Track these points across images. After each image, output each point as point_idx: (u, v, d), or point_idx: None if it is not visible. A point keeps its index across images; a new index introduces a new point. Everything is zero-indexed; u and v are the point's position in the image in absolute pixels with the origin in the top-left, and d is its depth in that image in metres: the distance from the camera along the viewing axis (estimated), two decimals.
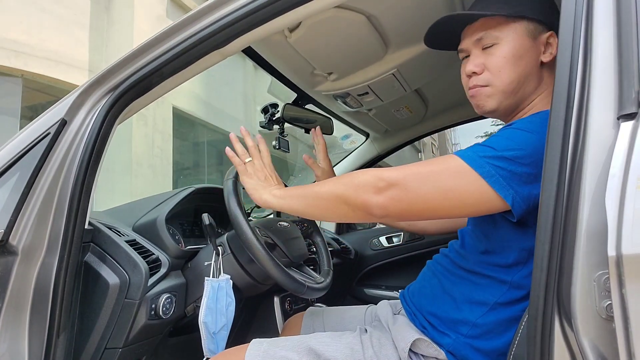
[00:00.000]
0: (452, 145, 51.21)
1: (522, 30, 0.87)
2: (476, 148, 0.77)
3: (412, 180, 0.74)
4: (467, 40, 0.92)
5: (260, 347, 0.91)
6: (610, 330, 0.51)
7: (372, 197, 0.76)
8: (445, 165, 0.75)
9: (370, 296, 2.02)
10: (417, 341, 0.86)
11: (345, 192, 0.81)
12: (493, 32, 0.88)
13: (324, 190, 0.85)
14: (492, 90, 0.89)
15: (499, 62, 0.87)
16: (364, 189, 0.77)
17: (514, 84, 0.87)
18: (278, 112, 1.55)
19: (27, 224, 0.92)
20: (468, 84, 0.93)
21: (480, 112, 0.94)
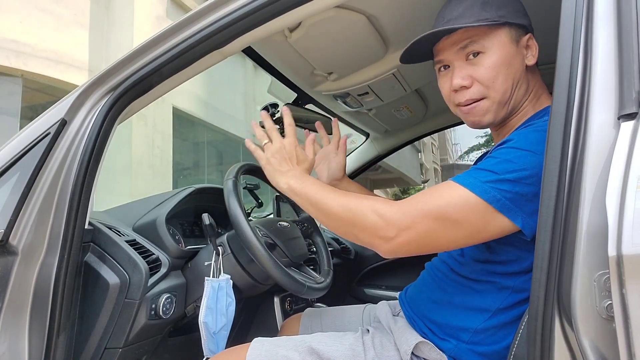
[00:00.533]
0: (452, 145, 51.08)
1: (506, 36, 0.83)
2: (477, 174, 0.73)
3: (421, 223, 0.72)
4: (447, 52, 0.86)
5: (261, 347, 0.91)
6: (610, 330, 0.51)
7: (381, 244, 0.76)
8: (450, 198, 0.72)
9: (370, 296, 2.01)
10: (420, 344, 0.86)
11: (351, 225, 0.80)
12: (478, 39, 0.82)
13: (335, 210, 0.82)
14: (489, 104, 0.84)
15: (490, 72, 0.82)
16: (375, 233, 0.76)
17: (508, 93, 0.84)
18: (278, 112, 1.55)
19: (27, 224, 0.92)
20: (456, 99, 0.87)
21: (476, 127, 0.90)
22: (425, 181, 28.77)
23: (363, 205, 0.79)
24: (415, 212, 0.73)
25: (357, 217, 0.78)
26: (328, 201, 0.84)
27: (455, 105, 0.89)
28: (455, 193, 0.72)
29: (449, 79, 0.88)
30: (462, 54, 0.84)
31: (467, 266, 0.88)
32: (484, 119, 0.87)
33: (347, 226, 0.81)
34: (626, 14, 0.59)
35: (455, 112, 0.92)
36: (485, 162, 0.76)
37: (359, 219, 0.78)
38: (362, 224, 0.77)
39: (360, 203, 0.80)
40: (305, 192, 0.88)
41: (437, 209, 0.72)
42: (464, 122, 1.88)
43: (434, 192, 0.75)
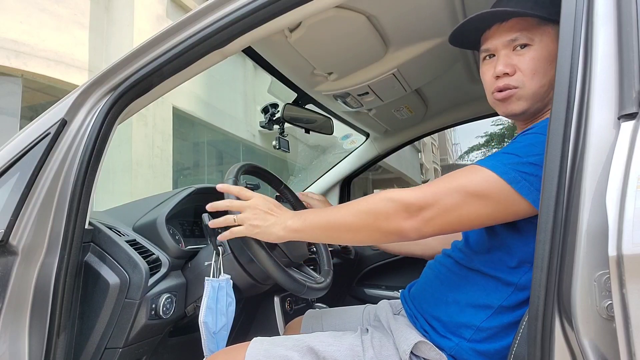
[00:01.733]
0: (452, 145, 51.11)
1: (553, 33, 0.85)
2: (500, 157, 0.76)
3: (444, 197, 0.75)
4: (496, 40, 0.89)
5: (260, 346, 0.91)
6: (610, 330, 0.51)
7: (405, 222, 0.77)
8: (472, 177, 0.75)
9: (370, 296, 2.01)
10: (419, 344, 0.86)
11: (373, 223, 0.80)
12: (527, 33, 0.86)
13: (349, 220, 0.83)
14: (524, 93, 0.87)
15: (533, 64, 0.85)
16: (395, 215, 0.77)
17: (544, 88, 0.86)
18: (278, 112, 1.55)
19: (27, 224, 0.92)
20: (495, 84, 0.90)
21: (506, 114, 0.92)
22: (425, 181, 28.77)
23: (374, 201, 0.80)
24: (437, 190, 0.75)
25: (375, 212, 0.79)
26: (338, 217, 0.84)
27: (493, 91, 0.91)
28: (480, 174, 0.75)
29: (492, 67, 0.90)
30: (511, 45, 0.87)
31: (472, 258, 0.89)
32: (516, 107, 0.89)
33: (368, 227, 0.81)
34: (626, 14, 0.59)
35: (491, 101, 0.94)
36: (509, 147, 0.79)
37: (377, 213, 0.79)
38: (383, 215, 0.78)
39: (369, 200, 0.81)
40: (308, 223, 0.88)
41: (460, 185, 0.75)
42: (464, 122, 1.87)
43: (456, 173, 0.77)
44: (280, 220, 0.90)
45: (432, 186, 0.77)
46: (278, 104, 1.57)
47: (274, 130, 1.61)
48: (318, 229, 0.87)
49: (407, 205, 0.76)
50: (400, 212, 0.76)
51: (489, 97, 0.94)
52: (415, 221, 0.76)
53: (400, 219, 0.77)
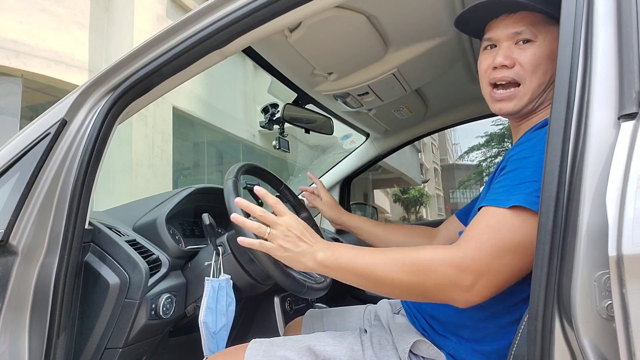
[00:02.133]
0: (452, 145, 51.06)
1: (557, 33, 0.82)
2: (521, 188, 0.71)
3: (494, 261, 0.69)
4: (501, 31, 0.87)
5: (259, 347, 0.91)
6: (610, 330, 0.51)
7: (460, 296, 0.71)
8: (512, 222, 0.70)
9: (370, 296, 2.01)
10: (418, 342, 0.86)
11: (421, 286, 0.72)
12: (533, 28, 0.84)
13: (394, 277, 0.74)
14: (524, 90, 0.85)
15: (534, 61, 0.84)
16: (448, 287, 0.70)
17: (542, 87, 0.85)
18: (278, 112, 1.55)
19: (27, 224, 0.92)
20: (492, 75, 0.88)
21: (501, 113, 0.90)
22: (425, 181, 28.76)
23: (426, 258, 0.72)
24: (486, 252, 0.69)
25: (423, 274, 0.72)
26: (380, 267, 0.75)
27: (488, 83, 0.89)
28: (517, 216, 0.70)
29: (491, 57, 0.88)
30: (514, 38, 0.86)
31: None
32: (513, 107, 0.87)
33: (414, 291, 0.74)
34: (626, 14, 0.59)
35: (485, 94, 0.92)
36: (520, 173, 0.74)
37: (427, 275, 0.71)
38: (432, 280, 0.71)
39: (419, 256, 0.73)
40: (342, 263, 0.79)
41: (503, 241, 0.69)
42: (464, 122, 1.86)
43: (491, 223, 0.71)
44: (311, 249, 0.81)
45: (479, 245, 0.70)
46: (278, 104, 1.57)
47: (274, 130, 1.61)
48: (352, 274, 0.79)
49: (461, 272, 0.69)
50: (454, 282, 0.70)
51: (485, 89, 0.92)
52: (471, 295, 0.70)
53: (452, 291, 0.71)
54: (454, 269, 0.70)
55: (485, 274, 0.69)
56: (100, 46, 6.27)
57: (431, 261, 0.72)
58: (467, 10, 0.89)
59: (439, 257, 0.72)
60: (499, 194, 0.74)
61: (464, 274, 0.69)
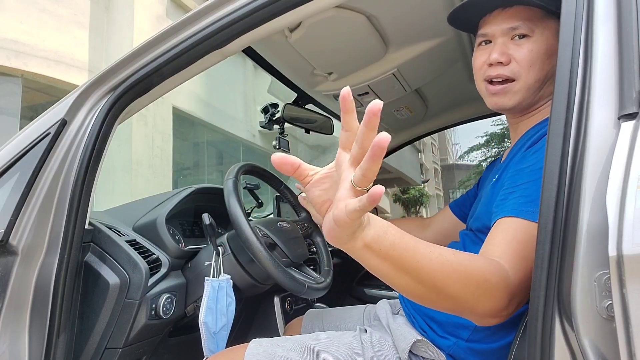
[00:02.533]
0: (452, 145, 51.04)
1: (555, 28, 0.82)
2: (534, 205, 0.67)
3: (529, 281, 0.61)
4: (496, 26, 0.85)
5: (259, 347, 0.91)
6: (611, 330, 0.51)
7: (498, 320, 0.64)
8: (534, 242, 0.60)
9: (370, 296, 2.01)
10: (418, 342, 0.86)
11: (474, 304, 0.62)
12: (529, 23, 0.82)
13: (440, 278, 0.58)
14: (519, 86, 0.83)
15: (530, 56, 0.81)
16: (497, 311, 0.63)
17: (539, 83, 0.83)
18: (278, 112, 1.55)
19: (27, 224, 0.92)
20: (488, 72, 0.85)
21: (496, 107, 0.87)
22: (425, 181, 28.74)
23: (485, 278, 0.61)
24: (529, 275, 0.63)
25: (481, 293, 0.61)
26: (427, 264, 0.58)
27: (483, 79, 0.87)
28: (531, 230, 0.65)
29: (487, 53, 0.86)
30: (510, 34, 0.83)
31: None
32: (509, 102, 0.85)
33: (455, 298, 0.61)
34: (626, 14, 0.59)
35: (480, 89, 0.90)
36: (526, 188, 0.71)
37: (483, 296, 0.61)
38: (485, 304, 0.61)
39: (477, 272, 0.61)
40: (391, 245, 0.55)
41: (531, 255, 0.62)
42: (464, 122, 1.86)
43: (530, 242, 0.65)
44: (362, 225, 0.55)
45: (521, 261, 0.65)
46: (278, 104, 1.57)
47: (274, 130, 1.61)
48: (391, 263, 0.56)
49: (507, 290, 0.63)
50: (499, 308, 0.62)
51: (479, 85, 0.90)
52: (507, 312, 0.64)
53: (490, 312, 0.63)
54: (507, 299, 0.62)
55: (524, 296, 0.65)
56: (100, 46, 6.27)
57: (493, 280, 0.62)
58: (460, 6, 0.87)
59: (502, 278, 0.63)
60: (522, 204, 0.69)
61: (509, 304, 0.63)
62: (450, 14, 0.91)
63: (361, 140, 0.46)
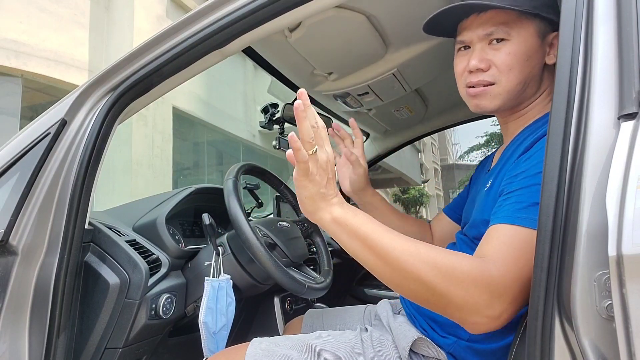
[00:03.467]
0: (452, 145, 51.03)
1: (533, 28, 0.82)
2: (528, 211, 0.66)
3: (524, 287, 0.62)
4: (472, 32, 0.84)
5: (260, 346, 0.91)
6: (610, 330, 0.51)
7: (480, 326, 0.63)
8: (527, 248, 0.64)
9: (370, 296, 2.01)
10: (418, 341, 0.86)
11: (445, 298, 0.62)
12: (504, 27, 0.81)
13: (420, 273, 0.63)
14: (499, 90, 0.83)
15: (509, 60, 0.81)
16: (475, 309, 0.62)
17: (520, 85, 0.83)
18: (278, 112, 1.55)
19: (27, 224, 0.92)
20: (468, 79, 0.86)
21: (479, 111, 0.88)
22: (425, 181, 28.75)
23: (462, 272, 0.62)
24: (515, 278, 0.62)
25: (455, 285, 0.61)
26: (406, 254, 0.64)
27: (464, 86, 0.88)
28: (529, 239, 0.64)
29: (466, 59, 0.86)
30: (487, 39, 0.83)
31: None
32: (490, 105, 0.85)
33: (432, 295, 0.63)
34: (626, 14, 0.59)
35: (462, 94, 0.90)
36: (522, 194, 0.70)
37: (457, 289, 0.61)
38: (460, 296, 0.61)
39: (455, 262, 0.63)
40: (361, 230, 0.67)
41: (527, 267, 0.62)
42: (464, 122, 1.86)
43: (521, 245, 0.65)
44: (331, 200, 0.70)
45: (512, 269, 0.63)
46: (278, 104, 1.57)
47: (274, 130, 1.61)
48: (368, 249, 0.66)
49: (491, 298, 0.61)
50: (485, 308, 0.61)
51: (461, 90, 0.90)
52: (495, 324, 0.63)
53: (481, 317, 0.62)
54: (489, 296, 0.61)
55: (515, 302, 0.63)
56: (100, 46, 6.28)
57: (466, 273, 0.62)
58: (434, 16, 0.87)
59: (479, 272, 0.62)
60: (516, 211, 0.68)
61: (496, 304, 0.61)
62: (425, 24, 0.90)
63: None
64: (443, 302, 0.63)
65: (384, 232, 0.67)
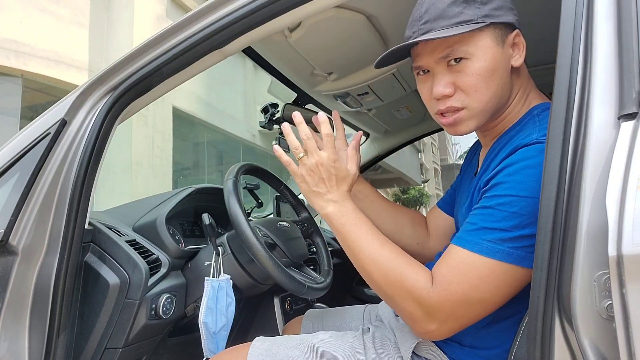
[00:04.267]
0: (452, 145, 51.00)
1: (490, 38, 0.75)
2: (491, 235, 0.68)
3: (458, 309, 0.70)
4: (428, 57, 0.79)
5: (262, 345, 0.91)
6: (610, 331, 0.51)
7: (419, 332, 0.74)
8: (479, 273, 0.68)
9: (370, 296, 2.01)
10: (421, 343, 0.86)
11: (390, 301, 0.77)
12: (459, 46, 0.75)
13: (371, 272, 0.79)
14: (470, 113, 0.78)
15: (473, 80, 0.75)
16: (411, 320, 0.74)
17: (492, 101, 0.78)
18: (278, 112, 1.55)
19: (27, 224, 0.92)
20: (437, 106, 0.81)
21: (457, 135, 0.84)
22: (425, 181, 28.75)
23: (405, 281, 0.73)
24: (455, 301, 0.69)
25: (396, 291, 0.75)
26: (365, 253, 0.79)
27: (435, 112, 0.83)
28: (484, 267, 0.68)
29: (429, 85, 0.81)
30: (444, 61, 0.77)
31: None
32: (464, 129, 0.81)
33: (383, 295, 0.79)
34: (626, 14, 0.59)
35: (435, 119, 0.86)
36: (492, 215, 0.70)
37: (398, 296, 0.75)
38: (400, 304, 0.75)
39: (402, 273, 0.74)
40: (343, 229, 0.82)
41: (470, 290, 0.68)
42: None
43: (459, 269, 0.70)
44: (327, 197, 0.84)
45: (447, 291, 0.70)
46: (278, 104, 1.57)
47: (274, 130, 1.61)
48: (344, 244, 0.83)
49: (425, 316, 0.71)
50: (417, 321, 0.73)
51: (434, 116, 0.84)
52: (430, 335, 0.74)
53: (415, 326, 0.74)
54: (422, 312, 0.71)
55: (449, 321, 0.71)
56: (100, 46, 6.28)
57: (407, 287, 0.73)
58: (381, 59, 0.82)
59: (416, 289, 0.72)
60: (466, 232, 0.72)
61: (428, 320, 0.71)
62: (376, 65, 0.85)
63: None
64: (392, 305, 0.78)
65: (362, 235, 0.81)
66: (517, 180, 0.69)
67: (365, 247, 0.79)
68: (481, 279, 0.68)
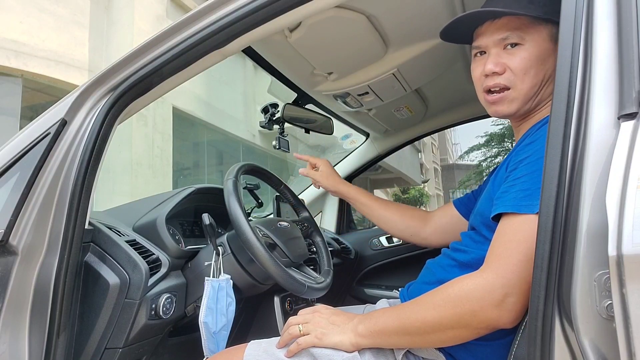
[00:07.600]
0: (452, 145, 50.99)
1: (547, 33, 0.85)
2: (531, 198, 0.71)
3: (525, 273, 0.69)
4: (487, 38, 0.88)
5: (258, 347, 0.91)
6: (610, 330, 0.51)
7: (495, 314, 0.71)
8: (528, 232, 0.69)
9: (370, 296, 2.01)
10: None
11: (458, 317, 0.74)
12: (518, 32, 0.85)
13: (426, 318, 0.77)
14: (515, 94, 0.87)
15: (524, 64, 0.85)
16: (481, 310, 0.71)
17: (535, 89, 0.86)
18: (278, 112, 1.55)
19: (27, 224, 0.92)
20: (485, 83, 0.89)
21: (497, 116, 0.92)
22: (425, 181, 28.75)
23: (455, 289, 0.75)
24: (513, 264, 0.70)
25: (456, 305, 0.74)
26: (415, 314, 0.78)
27: (482, 90, 0.91)
28: (527, 225, 0.70)
29: (482, 64, 0.90)
30: (501, 44, 0.87)
31: (469, 253, 0.89)
32: (507, 109, 0.89)
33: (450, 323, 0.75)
34: (626, 14, 0.59)
35: (481, 99, 0.94)
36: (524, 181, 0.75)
37: (460, 304, 0.73)
38: (467, 308, 0.72)
39: (448, 290, 0.76)
40: (380, 328, 0.81)
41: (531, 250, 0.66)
42: (464, 122, 1.86)
43: (518, 234, 0.72)
44: (349, 325, 0.84)
45: (503, 259, 0.71)
46: (278, 104, 1.57)
47: (274, 130, 1.61)
48: (394, 335, 0.80)
49: (490, 289, 0.71)
50: (487, 302, 0.71)
51: (480, 95, 0.94)
52: (503, 311, 0.71)
53: (488, 311, 0.71)
54: (482, 290, 0.71)
55: (514, 286, 0.70)
56: (100, 46, 6.27)
57: (461, 290, 0.74)
58: (450, 24, 0.91)
59: (469, 284, 0.74)
60: (520, 199, 0.74)
61: (493, 292, 0.70)
62: (442, 32, 0.95)
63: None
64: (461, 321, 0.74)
65: (392, 316, 0.81)
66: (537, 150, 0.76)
67: (405, 309, 0.81)
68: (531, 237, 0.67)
